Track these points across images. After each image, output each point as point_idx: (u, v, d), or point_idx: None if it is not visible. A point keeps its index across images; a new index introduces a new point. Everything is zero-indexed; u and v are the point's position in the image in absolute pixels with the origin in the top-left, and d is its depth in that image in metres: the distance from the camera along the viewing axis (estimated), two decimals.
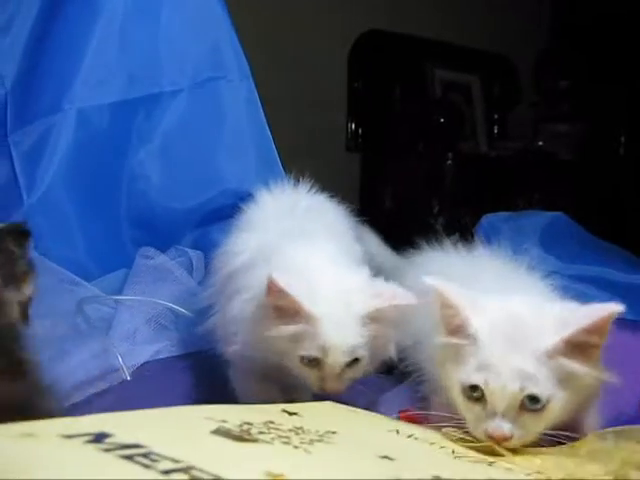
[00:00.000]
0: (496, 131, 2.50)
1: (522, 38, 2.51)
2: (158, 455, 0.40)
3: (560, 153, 2.36)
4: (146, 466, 0.38)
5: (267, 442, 0.49)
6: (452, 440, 0.61)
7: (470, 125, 2.43)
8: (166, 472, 0.38)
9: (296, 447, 0.49)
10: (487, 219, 1.45)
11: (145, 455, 0.40)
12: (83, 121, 1.10)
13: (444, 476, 0.48)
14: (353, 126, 2.35)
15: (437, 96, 2.39)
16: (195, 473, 0.38)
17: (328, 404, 0.68)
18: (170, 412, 0.53)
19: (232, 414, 0.54)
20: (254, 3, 1.92)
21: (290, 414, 0.61)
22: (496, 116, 2.50)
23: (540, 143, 2.40)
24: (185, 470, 0.38)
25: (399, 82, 2.35)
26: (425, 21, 2.40)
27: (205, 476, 0.38)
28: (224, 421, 0.52)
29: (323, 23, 2.24)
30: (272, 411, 0.60)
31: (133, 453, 0.40)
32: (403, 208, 2.25)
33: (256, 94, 1.16)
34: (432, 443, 0.60)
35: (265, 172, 0.98)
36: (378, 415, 0.70)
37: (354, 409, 0.68)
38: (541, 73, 2.48)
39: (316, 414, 0.62)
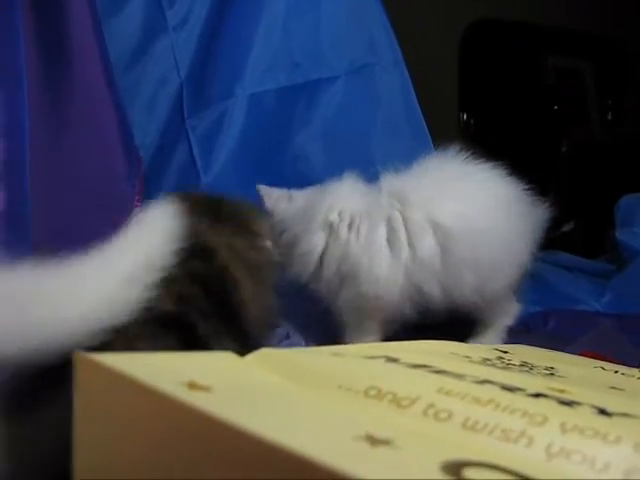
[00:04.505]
0: (610, 117, 2.47)
1: (636, 21, 2.47)
2: (455, 374, 0.45)
3: None
4: (456, 376, 0.43)
5: (516, 372, 0.54)
6: None
7: (584, 111, 2.42)
8: (477, 382, 0.43)
9: (543, 376, 0.53)
10: (625, 200, 1.46)
11: (440, 372, 0.45)
12: (253, 106, 1.18)
13: None
14: (465, 116, 2.38)
15: (550, 83, 2.39)
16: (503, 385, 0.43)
17: (520, 345, 0.72)
18: (420, 345, 0.58)
19: (467, 351, 0.59)
20: None
21: (503, 352, 0.64)
22: (610, 102, 2.47)
23: None
24: (492, 383, 0.43)
25: (511, 70, 2.36)
26: (536, 7, 2.39)
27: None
28: (468, 357, 0.56)
29: (433, 13, 2.28)
30: (490, 349, 0.64)
31: (429, 370, 0.45)
32: None
33: (409, 79, 1.22)
34: (639, 378, 0.60)
35: (419, 154, 1.02)
36: (570, 355, 0.72)
37: (544, 349, 0.71)
38: None
39: (522, 353, 0.65)
